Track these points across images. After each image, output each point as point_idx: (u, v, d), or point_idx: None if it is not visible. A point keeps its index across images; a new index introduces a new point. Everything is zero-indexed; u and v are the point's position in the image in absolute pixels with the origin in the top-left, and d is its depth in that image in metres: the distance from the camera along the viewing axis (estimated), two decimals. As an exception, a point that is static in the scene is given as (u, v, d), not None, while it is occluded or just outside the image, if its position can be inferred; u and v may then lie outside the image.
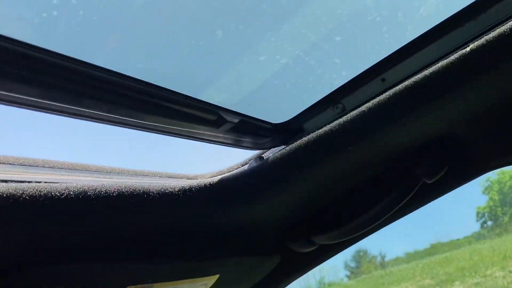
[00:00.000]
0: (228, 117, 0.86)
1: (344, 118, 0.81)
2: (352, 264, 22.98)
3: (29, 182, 0.57)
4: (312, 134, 0.82)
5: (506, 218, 20.63)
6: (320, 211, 1.10)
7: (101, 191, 0.63)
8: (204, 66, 0.74)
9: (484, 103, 0.88)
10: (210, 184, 0.81)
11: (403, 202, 1.01)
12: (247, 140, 0.99)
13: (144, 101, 0.72)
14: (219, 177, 0.84)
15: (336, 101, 0.99)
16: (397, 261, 20.49)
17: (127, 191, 0.66)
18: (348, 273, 22.63)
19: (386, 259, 22.30)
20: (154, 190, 0.71)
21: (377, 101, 0.79)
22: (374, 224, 1.06)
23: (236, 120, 0.89)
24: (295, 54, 0.78)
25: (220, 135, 0.91)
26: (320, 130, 0.82)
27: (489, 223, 21.77)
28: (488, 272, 11.69)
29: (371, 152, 0.87)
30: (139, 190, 0.68)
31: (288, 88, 0.91)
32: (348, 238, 1.12)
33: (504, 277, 10.79)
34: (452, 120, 0.91)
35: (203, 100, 0.78)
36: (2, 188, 0.52)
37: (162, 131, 0.80)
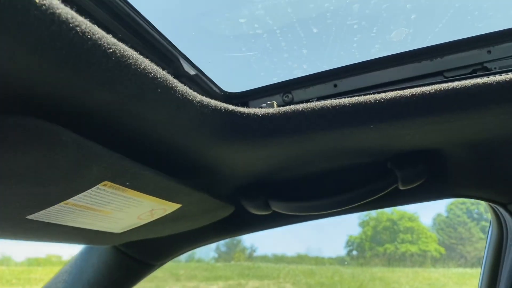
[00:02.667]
0: (186, 67, 0.84)
1: (350, 99, 0.79)
2: (223, 249, 23.65)
3: None
4: (317, 102, 0.80)
5: (369, 253, 22.57)
6: (289, 180, 1.09)
7: (138, 59, 0.54)
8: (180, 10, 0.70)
9: (481, 134, 0.90)
10: (224, 110, 0.76)
11: (370, 199, 1.03)
12: None
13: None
14: (234, 107, 0.78)
15: (287, 90, 1.02)
16: (264, 259, 21.49)
17: (159, 75, 0.58)
18: (216, 255, 23.24)
19: (255, 254, 23.29)
20: (181, 90, 0.64)
21: (385, 96, 0.77)
22: (336, 210, 1.07)
23: (192, 73, 0.86)
24: (273, 30, 0.78)
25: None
26: (324, 102, 0.79)
27: (355, 252, 23.69)
28: (342, 293, 12.77)
29: (362, 141, 0.86)
30: (170, 81, 0.61)
31: (251, 61, 0.91)
32: (305, 214, 1.13)
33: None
34: (449, 139, 0.92)
35: (168, 38, 0.74)
36: None
37: None
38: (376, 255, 22.12)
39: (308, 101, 0.95)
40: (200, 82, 0.92)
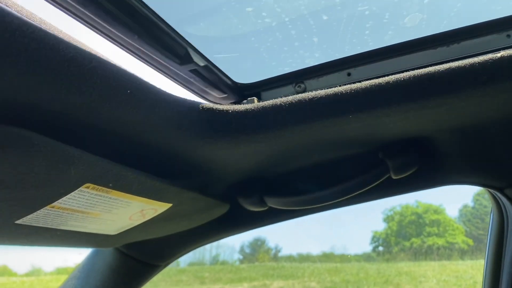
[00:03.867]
0: (195, 58, 0.83)
1: (327, 90, 0.79)
2: (247, 250, 23.68)
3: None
4: (294, 95, 0.79)
5: (396, 248, 22.28)
6: (282, 175, 1.09)
7: (105, 62, 0.55)
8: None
9: (467, 118, 0.88)
10: (202, 108, 0.77)
11: (363, 189, 1.02)
12: (203, 88, 0.97)
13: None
14: (212, 105, 0.78)
15: (299, 80, 1.00)
16: (289, 259, 21.44)
17: (128, 77, 0.59)
18: (241, 257, 23.29)
19: (280, 254, 23.25)
20: (153, 91, 0.65)
21: (360, 85, 0.77)
22: (330, 202, 1.06)
23: (201, 64, 0.86)
24: (281, 18, 0.77)
25: (180, 73, 0.87)
26: (302, 95, 0.79)
27: (381, 248, 23.42)
28: (368, 290, 12.61)
29: (349, 132, 0.86)
30: (141, 82, 0.62)
31: (261, 51, 0.90)
32: (300, 208, 1.12)
33: (380, 297, 11.69)
34: (437, 125, 0.91)
35: (176, 30, 0.74)
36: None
37: (123, 45, 0.76)
38: (402, 249, 21.82)
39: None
40: (211, 73, 0.92)
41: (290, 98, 0.78)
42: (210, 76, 0.92)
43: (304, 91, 1.00)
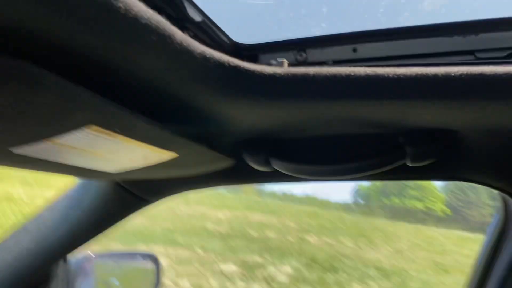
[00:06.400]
0: (190, 12, 0.77)
1: (367, 69, 0.74)
2: (235, 183, 24.50)
3: None
4: (330, 68, 0.74)
5: (376, 204, 23.02)
6: (293, 141, 1.07)
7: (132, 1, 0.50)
8: None
9: (503, 122, 0.86)
10: (229, 64, 0.72)
11: (375, 171, 1.00)
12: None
13: None
14: (238, 62, 0.74)
15: (301, 48, 0.95)
16: (273, 195, 22.18)
17: (155, 20, 0.55)
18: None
19: (266, 190, 24.02)
20: (180, 38, 0.60)
21: (405, 71, 0.73)
22: (337, 177, 1.06)
23: (198, 19, 0.80)
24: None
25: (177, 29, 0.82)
26: (338, 69, 0.75)
27: (361, 201, 24.20)
28: (341, 238, 13.13)
29: (374, 114, 0.83)
30: (168, 28, 0.57)
31: (264, 12, 0.84)
32: (304, 176, 1.11)
33: (352, 248, 12.20)
34: (465, 123, 0.88)
35: None
36: None
37: None
38: (382, 206, 22.50)
39: (323, 63, 0.88)
40: (207, 29, 0.86)
41: (324, 70, 0.73)
42: (205, 32, 0.87)
43: (305, 60, 0.95)
